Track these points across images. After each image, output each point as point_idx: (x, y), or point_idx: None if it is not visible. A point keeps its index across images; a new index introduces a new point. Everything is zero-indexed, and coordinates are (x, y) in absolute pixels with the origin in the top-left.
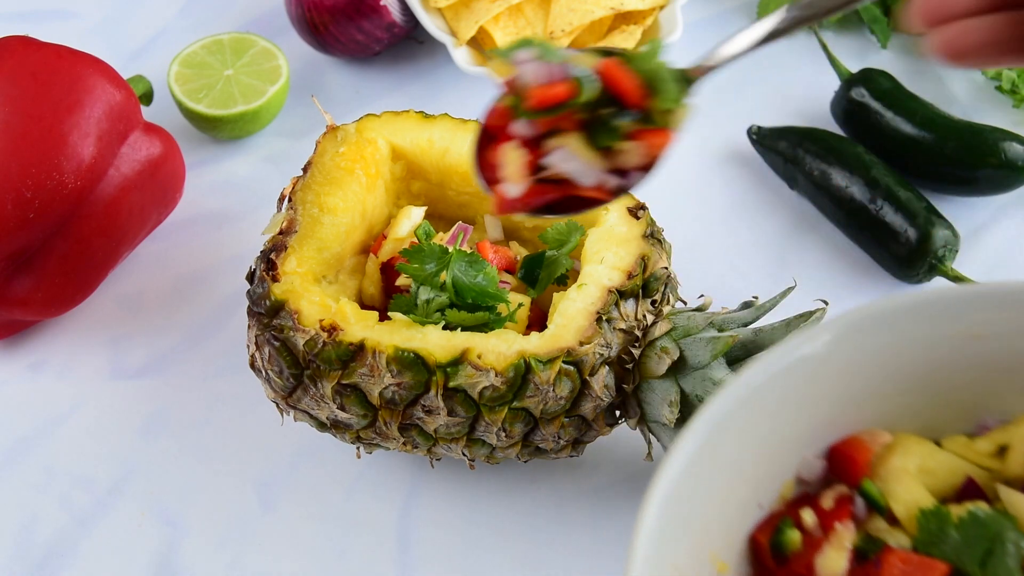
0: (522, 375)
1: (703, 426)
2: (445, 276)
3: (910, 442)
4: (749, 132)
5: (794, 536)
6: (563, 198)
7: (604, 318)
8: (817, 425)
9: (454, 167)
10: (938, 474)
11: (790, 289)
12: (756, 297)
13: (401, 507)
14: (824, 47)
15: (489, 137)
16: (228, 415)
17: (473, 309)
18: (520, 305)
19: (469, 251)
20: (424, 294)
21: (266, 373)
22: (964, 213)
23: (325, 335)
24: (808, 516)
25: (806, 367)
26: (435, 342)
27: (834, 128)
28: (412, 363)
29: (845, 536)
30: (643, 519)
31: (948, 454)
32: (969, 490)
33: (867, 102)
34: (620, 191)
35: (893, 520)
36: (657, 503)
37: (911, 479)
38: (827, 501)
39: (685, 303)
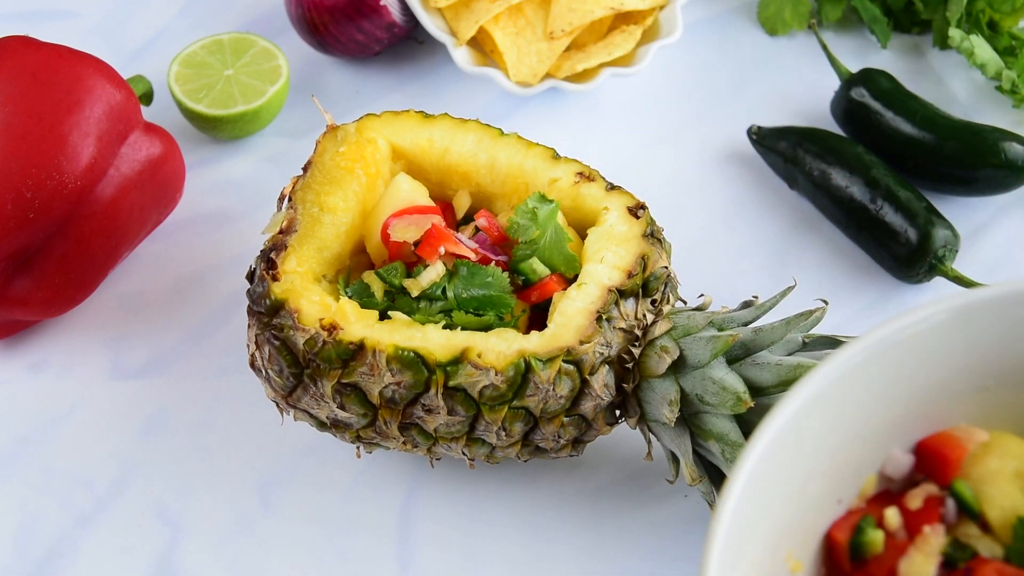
0: (522, 374)
1: (790, 407)
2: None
3: (1010, 442)
4: (749, 132)
5: (876, 537)
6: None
7: (604, 317)
8: (907, 416)
9: (454, 167)
10: None
11: (790, 289)
12: (756, 296)
13: (401, 507)
14: (824, 47)
15: None
16: (228, 415)
17: (478, 313)
18: (524, 312)
19: (471, 262)
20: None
21: (266, 372)
22: (964, 213)
23: (325, 334)
24: (893, 516)
25: (905, 348)
26: (435, 341)
27: (834, 128)
28: (412, 362)
29: (933, 541)
30: (723, 506)
31: None
32: None
33: (867, 102)
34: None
35: (986, 527)
36: (738, 490)
37: (1009, 483)
38: (914, 501)
39: (685, 303)
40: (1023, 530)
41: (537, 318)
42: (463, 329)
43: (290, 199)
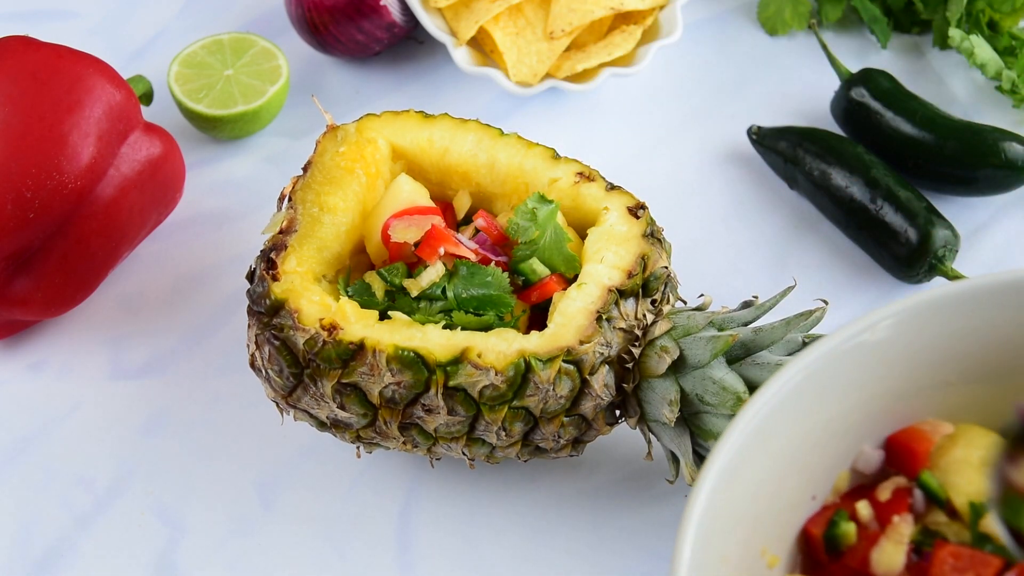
0: (522, 374)
1: (756, 411)
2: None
3: (973, 433)
4: (749, 132)
5: (849, 529)
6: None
7: (604, 317)
8: (875, 414)
9: (454, 167)
10: None
11: (790, 289)
12: (756, 296)
13: (401, 507)
14: (824, 47)
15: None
16: (228, 415)
17: (478, 312)
18: (524, 312)
19: (470, 262)
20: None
21: (266, 372)
22: (964, 213)
23: (325, 334)
24: (864, 508)
25: (865, 353)
26: (435, 341)
27: (834, 128)
28: (412, 362)
29: (903, 529)
30: (692, 506)
31: None
32: None
33: (867, 102)
34: None
35: (953, 513)
36: (707, 489)
37: (973, 471)
38: (884, 493)
39: (685, 303)
40: (975, 515)
41: (537, 318)
42: (463, 329)
43: (290, 199)
